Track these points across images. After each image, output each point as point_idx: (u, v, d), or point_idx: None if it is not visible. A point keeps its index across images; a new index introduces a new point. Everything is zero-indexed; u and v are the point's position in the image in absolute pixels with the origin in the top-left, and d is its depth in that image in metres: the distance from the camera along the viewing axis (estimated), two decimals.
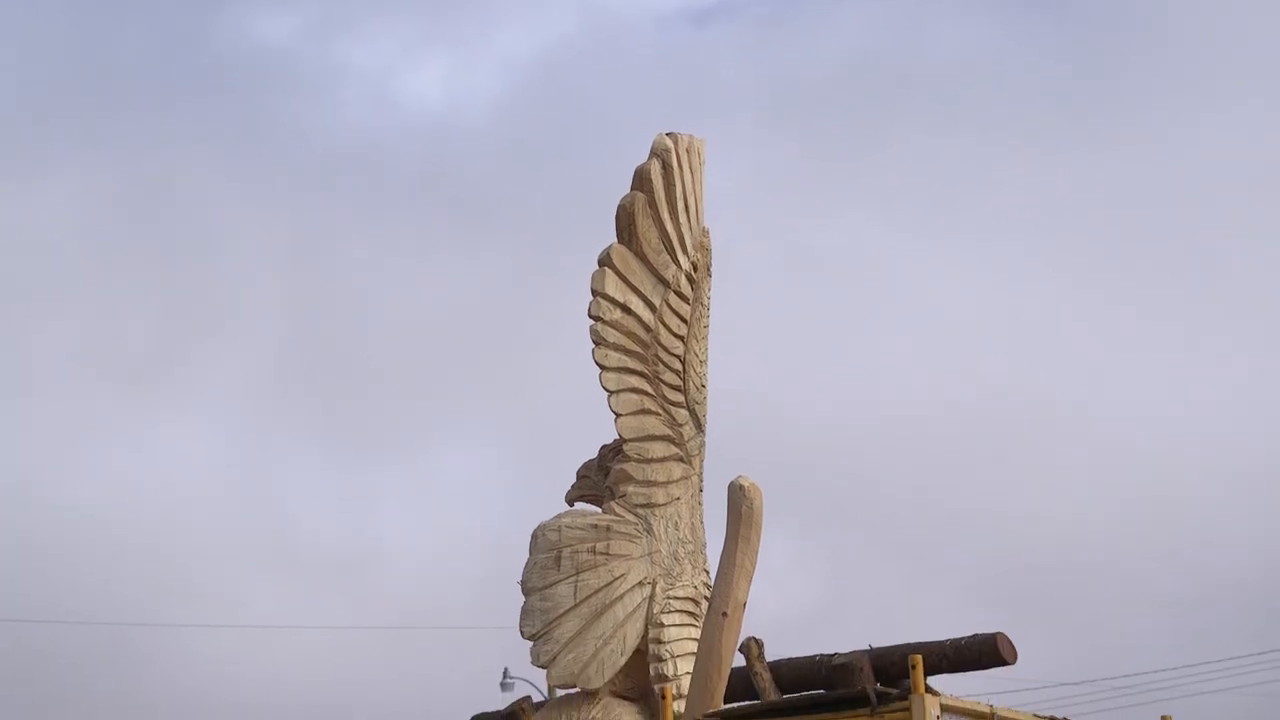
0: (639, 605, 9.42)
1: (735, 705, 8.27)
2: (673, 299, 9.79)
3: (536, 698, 16.33)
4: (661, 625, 9.39)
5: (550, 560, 9.52)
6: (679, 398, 9.75)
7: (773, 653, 13.39)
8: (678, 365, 9.78)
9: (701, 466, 9.86)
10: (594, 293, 9.59)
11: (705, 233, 10.11)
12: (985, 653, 12.74)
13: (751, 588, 8.77)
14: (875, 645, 13.12)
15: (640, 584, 9.45)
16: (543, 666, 9.44)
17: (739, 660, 11.19)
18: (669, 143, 9.82)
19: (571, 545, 9.50)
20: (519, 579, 9.63)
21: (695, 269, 9.94)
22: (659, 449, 9.65)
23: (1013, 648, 12.73)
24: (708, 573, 9.67)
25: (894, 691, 7.28)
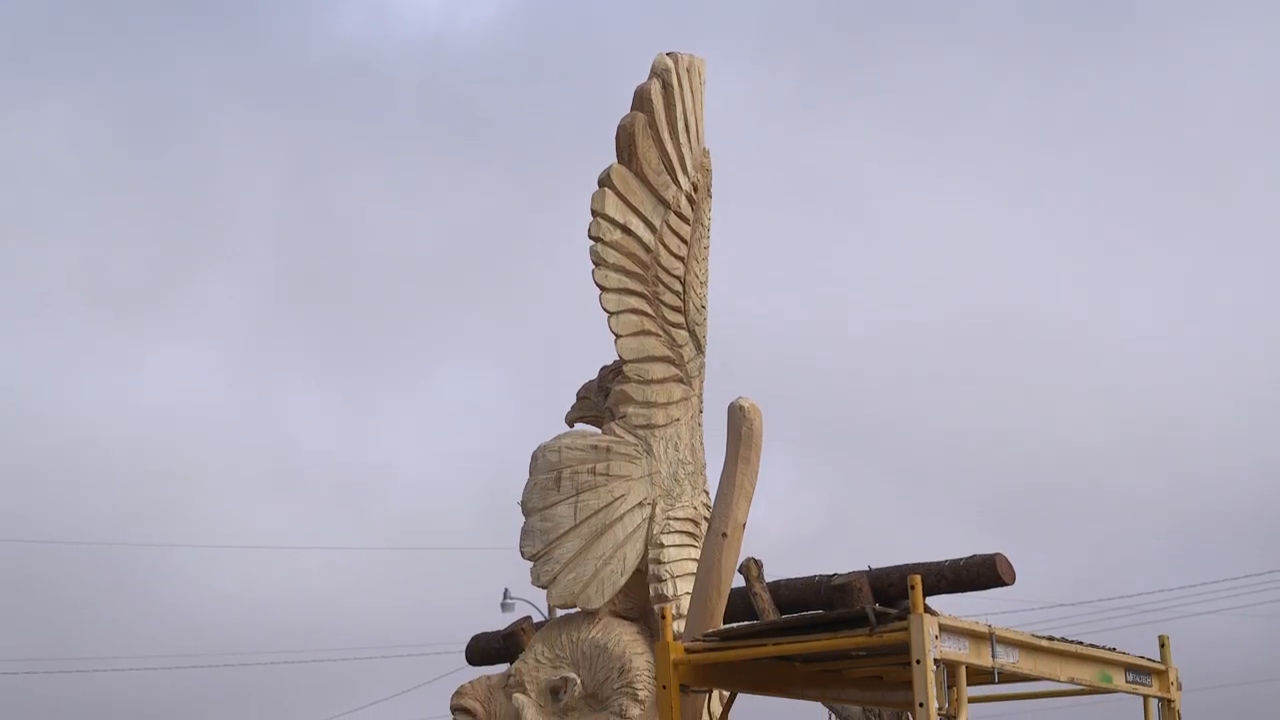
0: (639, 526, 9.44)
1: (734, 625, 8.29)
2: (673, 220, 9.77)
3: (537, 618, 16.40)
4: (661, 546, 9.42)
5: (550, 481, 9.54)
6: (679, 319, 9.74)
7: (774, 574, 13.45)
8: (678, 286, 9.76)
9: (701, 388, 9.87)
10: (594, 213, 9.56)
11: (705, 153, 10.07)
12: (984, 573, 12.81)
13: (751, 509, 8.78)
14: (874, 566, 13.18)
15: (640, 504, 9.47)
16: (543, 587, 9.47)
17: (738, 581, 11.24)
18: (669, 62, 9.76)
19: (571, 466, 9.51)
20: (519, 500, 9.65)
21: (695, 190, 9.90)
22: (659, 370, 9.65)
23: (1011, 569, 12.79)
24: (707, 494, 9.69)
25: (892, 612, 7.29)
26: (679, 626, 8.74)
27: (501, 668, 10.19)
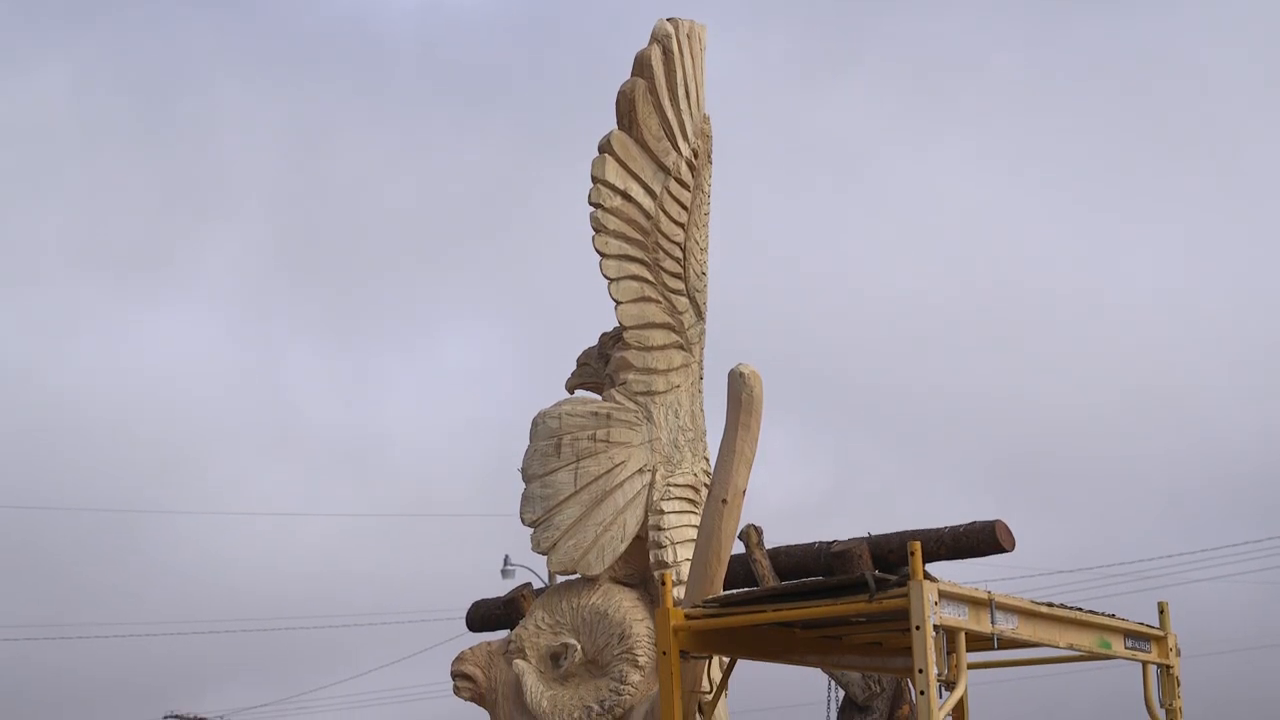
0: (639, 492, 9.45)
1: (734, 591, 8.30)
2: (673, 186, 9.75)
3: (537, 584, 16.44)
4: (661, 512, 9.42)
5: (551, 447, 9.54)
6: (679, 285, 9.73)
7: (775, 542, 13.48)
8: (678, 253, 9.75)
9: (701, 354, 9.86)
10: (594, 179, 9.55)
11: (706, 119, 10.05)
12: (984, 540, 12.84)
13: (752, 477, 8.77)
14: (874, 533, 13.20)
15: (640, 471, 9.48)
16: (543, 553, 9.48)
17: (738, 547, 11.25)
18: (670, 28, 9.74)
19: (572, 432, 9.52)
20: (519, 466, 9.66)
21: (696, 156, 9.89)
22: (659, 336, 9.65)
23: (1011, 535, 12.82)
24: (707, 460, 9.69)
25: (892, 578, 7.30)
26: (679, 593, 8.75)
27: (502, 634, 10.21)
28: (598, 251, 9.54)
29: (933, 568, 12.19)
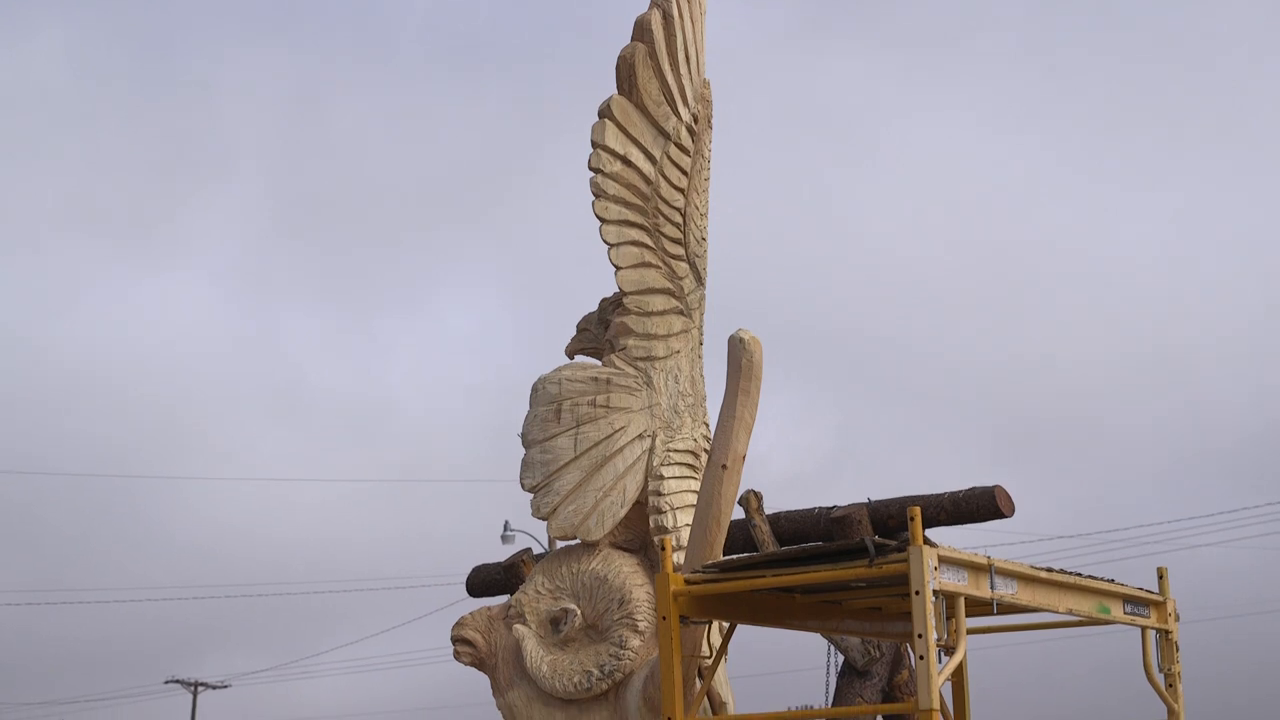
0: (639, 458, 9.45)
1: (734, 556, 8.31)
2: (673, 151, 9.73)
3: (537, 550, 16.45)
4: (661, 478, 9.42)
5: (550, 413, 9.54)
6: (679, 251, 9.72)
7: (777, 507, 13.48)
8: (678, 218, 9.73)
9: (701, 320, 9.86)
10: (594, 144, 9.53)
11: (706, 84, 10.03)
12: (983, 506, 12.84)
13: (754, 444, 8.78)
14: (874, 499, 13.21)
15: (640, 437, 9.48)
16: (543, 518, 9.49)
17: (738, 513, 11.26)
18: None
19: (572, 398, 9.51)
20: (519, 432, 9.66)
21: (696, 121, 9.86)
22: (659, 302, 9.64)
23: (1010, 501, 12.82)
24: (707, 426, 9.69)
25: (892, 543, 7.30)
26: (679, 558, 8.76)
27: (502, 599, 10.22)
28: (598, 217, 9.53)
29: (932, 533, 12.21)
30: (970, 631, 7.76)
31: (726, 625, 8.38)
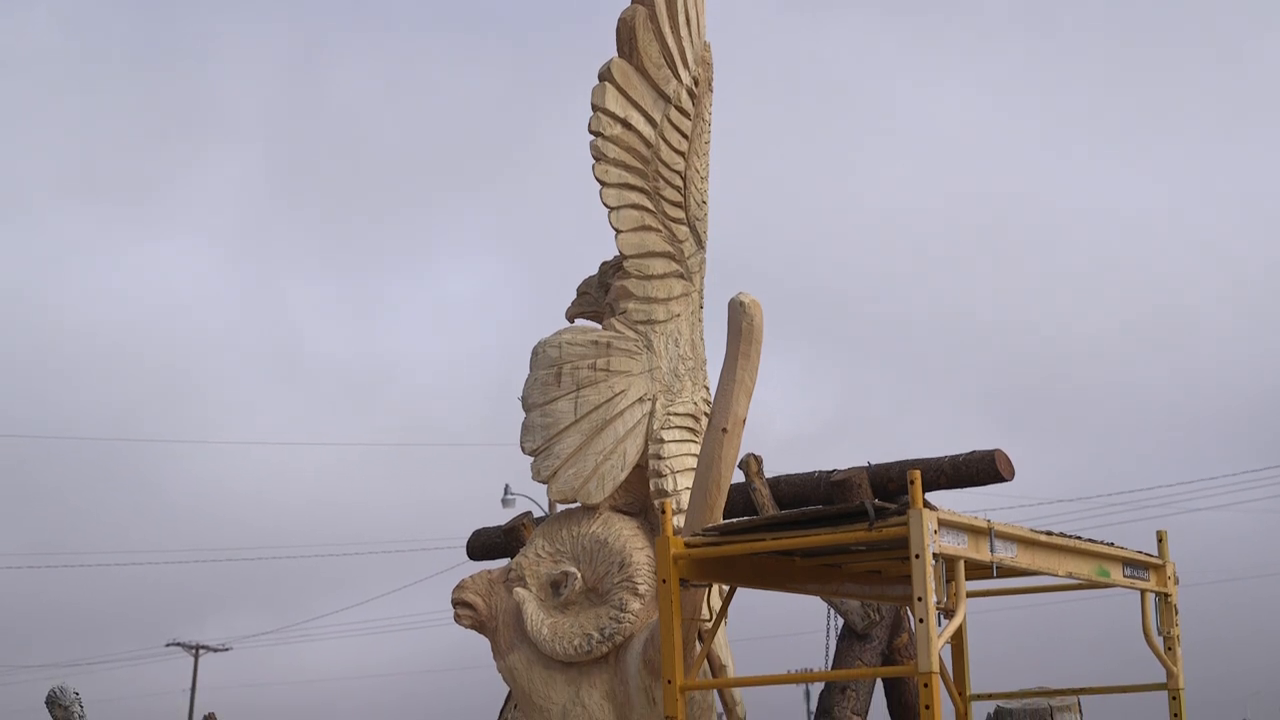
0: (639, 421, 9.45)
1: (734, 520, 8.32)
2: (674, 114, 9.71)
3: (537, 513, 16.46)
4: (661, 441, 9.43)
5: (551, 376, 9.54)
6: (680, 214, 9.70)
7: (776, 471, 13.49)
8: (678, 182, 9.72)
9: (702, 283, 9.85)
10: (594, 108, 9.50)
11: (706, 47, 10.00)
12: (983, 469, 12.85)
13: (758, 408, 8.78)
14: (874, 462, 13.22)
15: (640, 400, 9.48)
16: (543, 481, 9.49)
17: (738, 476, 11.26)
18: None
19: (572, 361, 9.51)
20: (519, 395, 9.66)
21: (696, 84, 9.84)
22: (659, 265, 9.63)
23: (1010, 465, 12.83)
24: (707, 389, 9.69)
25: (892, 506, 7.31)
26: (679, 521, 8.77)
27: (502, 562, 10.24)
28: (598, 180, 9.51)
29: (932, 497, 12.22)
30: (970, 595, 7.77)
31: (726, 588, 8.40)
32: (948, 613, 7.30)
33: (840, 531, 7.47)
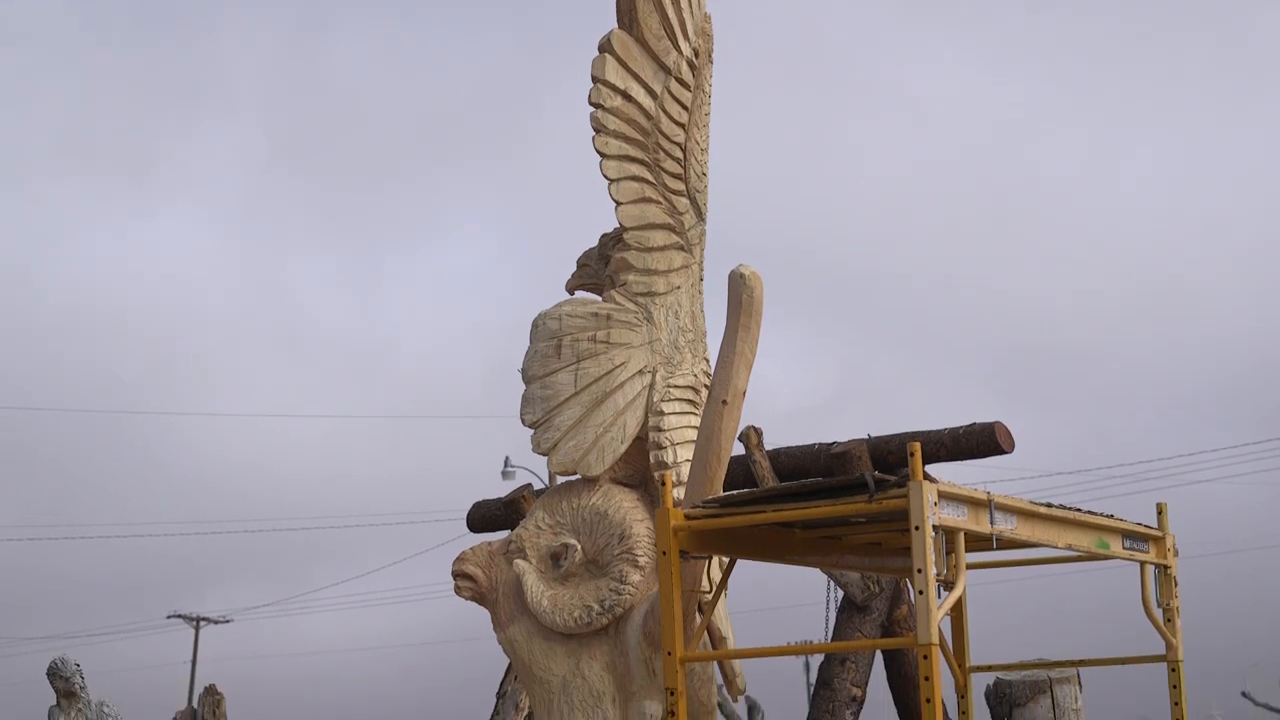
0: (639, 393, 9.45)
1: (734, 492, 8.33)
2: (674, 86, 9.68)
3: (537, 485, 16.48)
4: (661, 413, 9.42)
5: (551, 348, 9.53)
6: (680, 186, 9.68)
7: (776, 443, 13.51)
8: (679, 153, 9.70)
9: (702, 255, 9.84)
10: (594, 79, 9.48)
11: (707, 18, 9.97)
12: (983, 442, 12.87)
13: (760, 381, 8.78)
14: (874, 434, 13.24)
15: (640, 372, 9.47)
16: (543, 453, 9.49)
17: (738, 448, 11.27)
18: None
19: (572, 333, 9.50)
20: (519, 367, 9.65)
21: (697, 55, 9.81)
22: (659, 237, 9.61)
23: (1010, 437, 12.85)
24: (708, 361, 9.69)
25: (892, 478, 7.31)
26: (679, 493, 8.78)
27: (502, 534, 10.24)
28: (598, 152, 9.49)
29: (932, 469, 12.23)
30: (970, 567, 7.78)
31: (726, 560, 8.40)
32: (947, 585, 7.31)
33: (840, 504, 7.47)
